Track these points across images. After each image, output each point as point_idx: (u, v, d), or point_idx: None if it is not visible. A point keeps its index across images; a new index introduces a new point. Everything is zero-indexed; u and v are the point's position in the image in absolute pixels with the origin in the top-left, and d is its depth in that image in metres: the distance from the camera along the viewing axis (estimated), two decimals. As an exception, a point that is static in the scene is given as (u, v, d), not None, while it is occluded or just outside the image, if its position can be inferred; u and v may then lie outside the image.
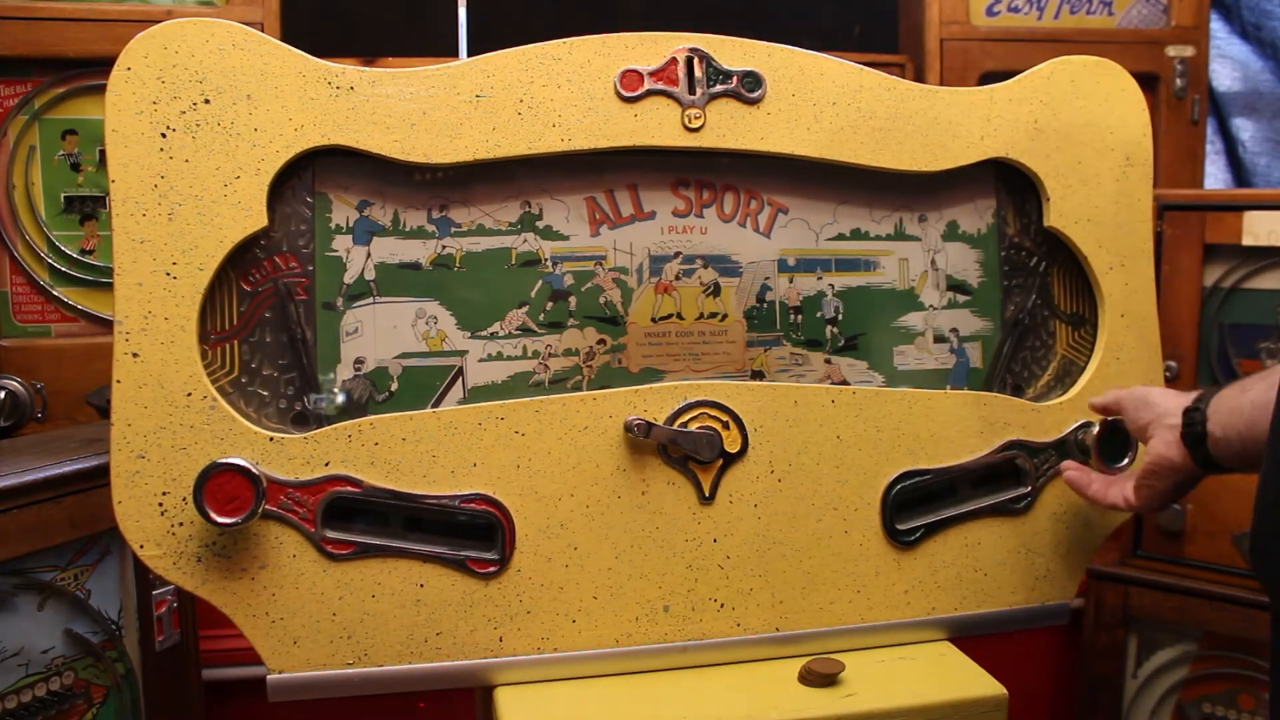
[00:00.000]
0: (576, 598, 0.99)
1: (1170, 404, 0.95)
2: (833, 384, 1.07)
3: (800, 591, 1.03)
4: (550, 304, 1.02)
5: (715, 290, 1.05)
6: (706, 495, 1.00)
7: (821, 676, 0.96)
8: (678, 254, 1.04)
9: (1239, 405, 0.86)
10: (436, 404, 0.99)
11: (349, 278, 0.97)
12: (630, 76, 0.99)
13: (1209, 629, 1.53)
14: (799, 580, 1.03)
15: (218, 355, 0.95)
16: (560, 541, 0.98)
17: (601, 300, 1.03)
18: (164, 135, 0.90)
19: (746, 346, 1.06)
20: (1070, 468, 1.06)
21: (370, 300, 0.98)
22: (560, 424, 0.97)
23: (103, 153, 1.59)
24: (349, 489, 0.94)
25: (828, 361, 1.08)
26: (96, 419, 1.47)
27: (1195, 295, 1.54)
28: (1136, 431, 1.00)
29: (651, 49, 1.00)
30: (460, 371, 1.00)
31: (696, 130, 1.00)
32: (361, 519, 0.95)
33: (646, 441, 0.98)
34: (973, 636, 1.08)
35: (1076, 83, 1.09)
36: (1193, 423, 0.90)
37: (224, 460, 0.89)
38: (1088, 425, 1.08)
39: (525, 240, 1.01)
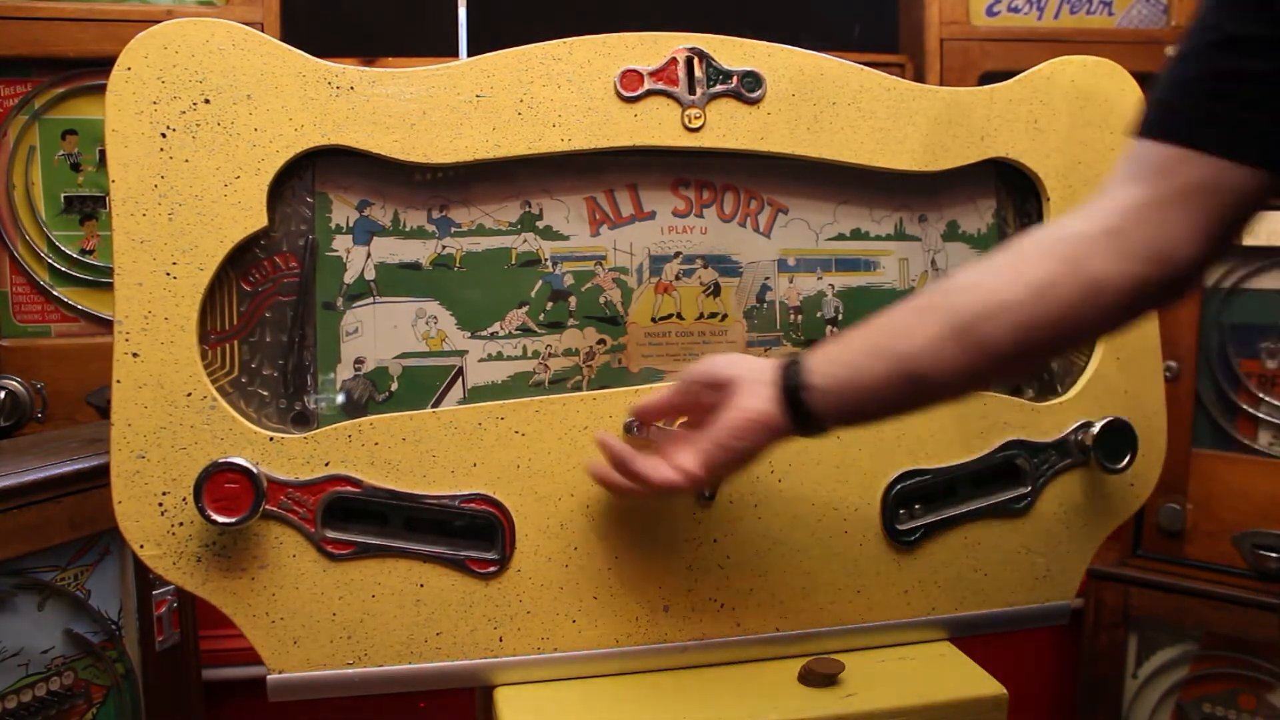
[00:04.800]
0: (576, 598, 0.99)
1: (753, 361, 0.87)
2: (833, 384, 1.07)
3: (800, 591, 1.03)
4: (550, 304, 1.02)
5: (715, 290, 1.05)
6: (706, 495, 1.00)
7: (821, 676, 0.96)
8: (678, 254, 1.04)
9: (840, 357, 0.82)
10: (436, 404, 0.99)
11: (349, 278, 0.97)
12: (630, 76, 0.99)
13: (1209, 629, 1.54)
14: (799, 580, 1.03)
15: (218, 355, 0.95)
16: (560, 541, 0.98)
17: (601, 300, 1.03)
18: (164, 135, 0.90)
19: (746, 346, 1.06)
20: (608, 449, 0.91)
21: (370, 300, 0.98)
22: (560, 424, 0.97)
23: (103, 153, 1.59)
24: (349, 489, 0.94)
25: (828, 361, 1.08)
26: (96, 419, 1.47)
27: (1195, 295, 1.54)
28: (717, 389, 0.86)
29: (651, 49, 1.00)
30: (460, 371, 1.00)
31: (696, 130, 1.00)
32: (361, 519, 0.95)
33: (646, 440, 0.98)
34: (973, 636, 1.08)
35: (1076, 83, 1.09)
36: (791, 375, 0.83)
37: (224, 460, 0.89)
38: (1088, 425, 1.08)
39: (525, 240, 1.01)
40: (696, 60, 1.00)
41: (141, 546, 0.90)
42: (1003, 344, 0.77)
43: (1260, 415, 1.51)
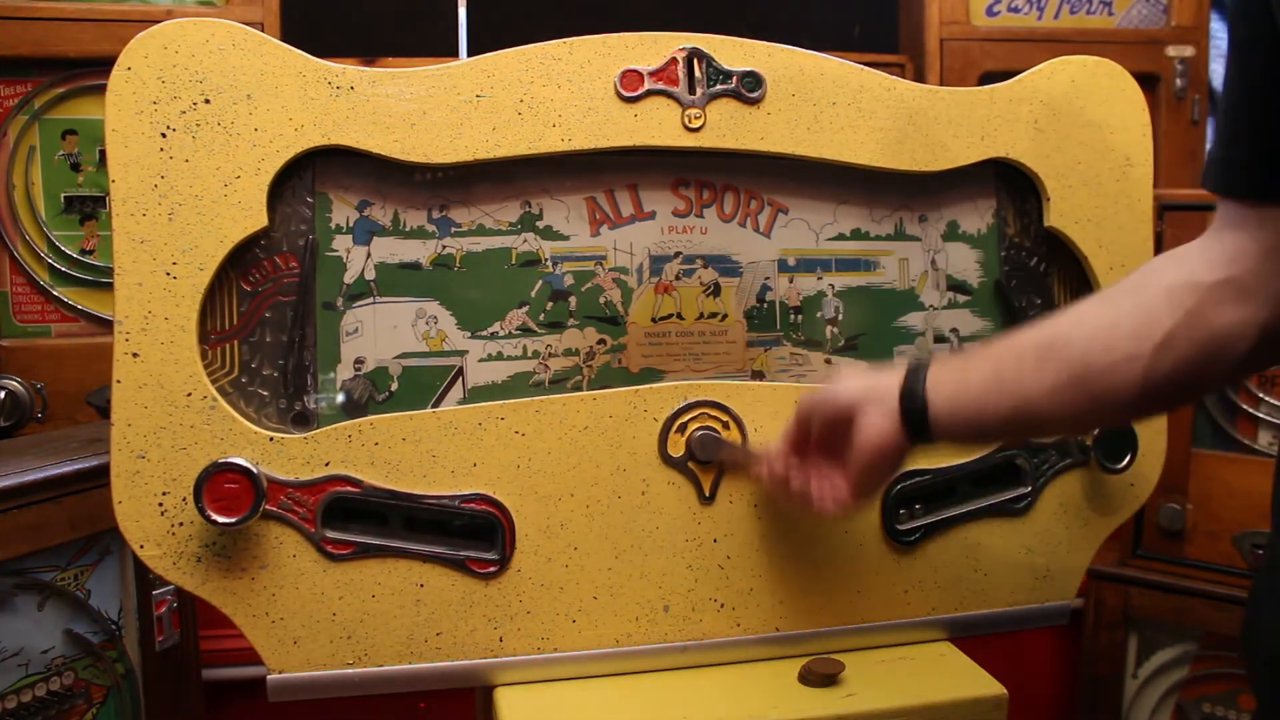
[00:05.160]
0: (576, 598, 0.99)
1: (870, 382, 0.89)
2: (833, 384, 1.07)
3: (800, 591, 1.03)
4: (550, 304, 1.02)
5: (715, 290, 1.05)
6: (706, 495, 1.00)
7: (821, 676, 0.96)
8: (678, 254, 1.04)
9: (962, 389, 0.84)
10: (436, 404, 0.99)
11: (349, 278, 0.97)
12: (630, 76, 0.99)
13: (1209, 629, 1.53)
14: (799, 580, 1.03)
15: (218, 355, 0.95)
16: (560, 541, 0.98)
17: (601, 300, 1.03)
18: (164, 135, 0.90)
19: (746, 346, 1.06)
20: (763, 465, 0.96)
21: (370, 300, 0.98)
22: (560, 424, 0.97)
23: (103, 153, 1.59)
24: (349, 489, 0.94)
25: (828, 361, 1.08)
26: (96, 419, 1.47)
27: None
28: (835, 418, 0.89)
29: (651, 49, 1.00)
30: (460, 371, 1.00)
31: (696, 130, 1.00)
32: (361, 519, 0.95)
33: (648, 445, 0.98)
34: (973, 636, 1.08)
35: (1076, 83, 1.09)
36: (914, 401, 0.85)
37: (224, 460, 0.89)
38: (1088, 425, 1.08)
39: (525, 240, 1.01)
40: (696, 60, 1.00)
41: (141, 546, 0.90)
42: (1125, 395, 0.77)
43: (1260, 415, 1.51)
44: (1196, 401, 1.08)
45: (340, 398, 0.97)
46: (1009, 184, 1.12)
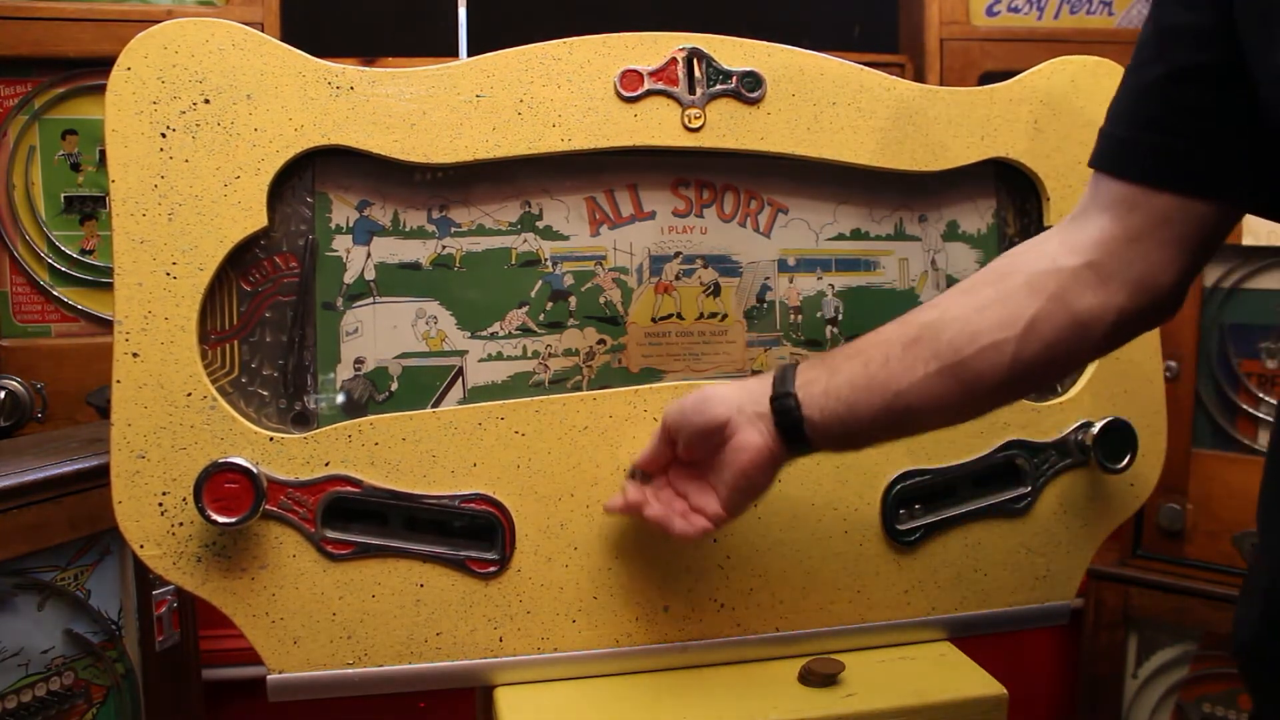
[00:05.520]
0: (576, 598, 0.99)
1: (738, 395, 0.87)
2: (833, 384, 1.07)
3: (800, 591, 1.03)
4: (550, 304, 1.02)
5: (715, 290, 1.05)
6: (706, 495, 1.00)
7: (821, 676, 0.96)
8: (678, 254, 1.04)
9: (834, 388, 0.83)
10: (436, 404, 0.99)
11: (349, 278, 0.97)
12: (630, 76, 0.99)
13: (1209, 629, 1.54)
14: (799, 580, 1.03)
15: (218, 355, 0.95)
16: (560, 541, 0.98)
17: (601, 300, 1.03)
18: (164, 135, 0.90)
19: (746, 346, 1.06)
20: (623, 498, 0.94)
21: (370, 300, 0.98)
22: (560, 424, 0.97)
23: (103, 153, 1.59)
24: (349, 489, 0.94)
25: (828, 361, 1.08)
26: (96, 419, 1.47)
27: (1195, 295, 1.54)
28: (705, 433, 0.87)
29: (651, 49, 1.00)
30: (460, 371, 1.00)
31: (696, 130, 1.00)
32: (361, 519, 0.95)
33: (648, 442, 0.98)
34: (973, 636, 1.08)
35: (1076, 83, 1.09)
36: (786, 409, 0.84)
37: (224, 460, 0.89)
38: (1087, 425, 1.08)
39: (525, 240, 1.01)
40: (696, 60, 1.00)
41: (141, 546, 0.90)
42: (995, 379, 0.79)
43: (1260, 415, 1.51)
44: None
45: (340, 398, 0.97)
46: (1009, 184, 1.12)
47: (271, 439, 0.92)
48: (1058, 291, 0.77)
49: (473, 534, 0.97)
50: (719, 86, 1.01)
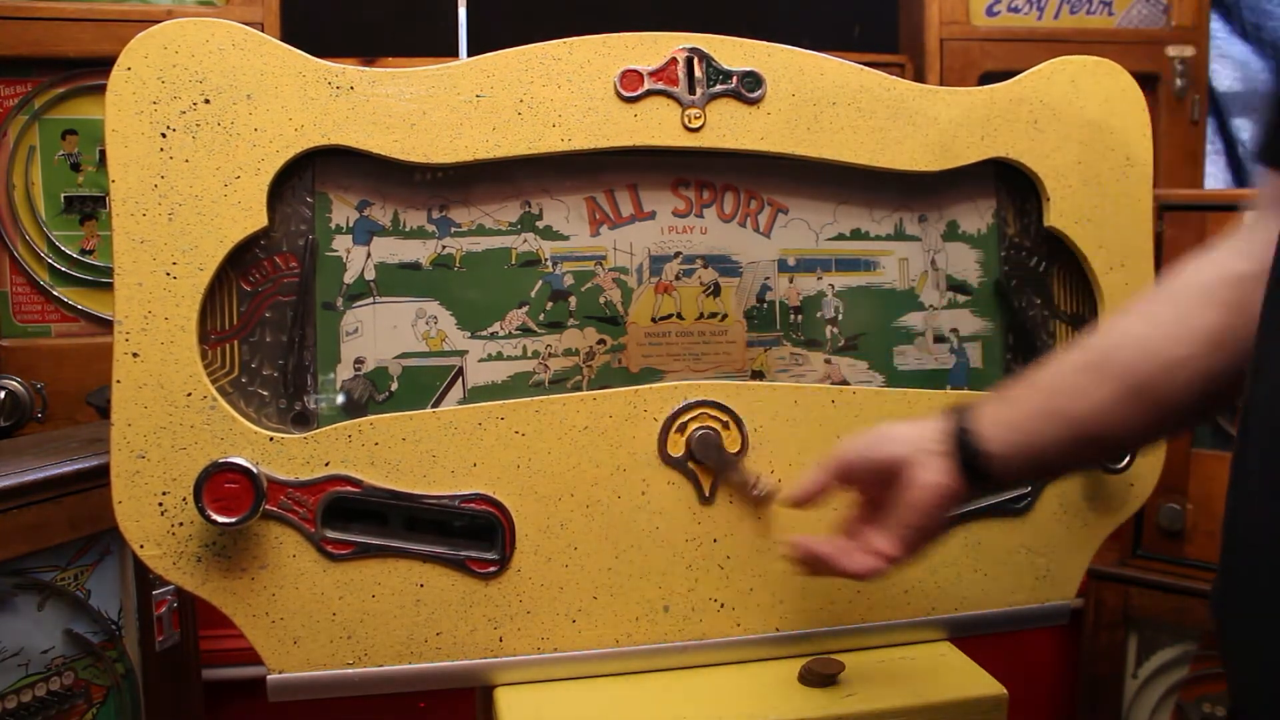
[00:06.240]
0: (576, 598, 0.99)
1: (915, 431, 0.85)
2: (833, 384, 1.07)
3: (800, 591, 1.03)
4: (550, 304, 1.02)
5: (715, 290, 1.05)
6: (706, 495, 1.00)
7: (821, 676, 0.96)
8: (678, 254, 1.04)
9: (1013, 420, 0.82)
10: (436, 404, 0.99)
11: (349, 278, 0.97)
12: (630, 76, 0.99)
13: (1209, 629, 1.53)
14: (799, 580, 1.03)
15: (218, 355, 0.95)
16: (560, 541, 0.98)
17: (601, 300, 1.03)
18: (164, 135, 0.90)
19: (746, 346, 1.06)
20: (800, 550, 0.90)
21: (370, 300, 0.98)
22: (560, 424, 0.97)
23: (103, 153, 1.59)
24: (349, 489, 0.94)
25: (828, 361, 1.08)
26: (96, 419, 1.47)
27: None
28: (886, 471, 0.85)
29: (651, 49, 1.00)
30: (460, 371, 1.00)
31: (696, 130, 1.00)
32: (361, 519, 0.95)
33: (648, 445, 0.98)
34: (973, 636, 1.08)
35: (1076, 83, 1.09)
36: (966, 445, 0.82)
37: (224, 460, 0.89)
38: (1088, 425, 1.08)
39: (525, 240, 1.01)
40: (696, 60, 1.00)
41: (141, 546, 0.90)
42: (1182, 400, 0.76)
43: (1260, 415, 1.51)
44: None
45: (340, 398, 0.97)
46: (1009, 184, 1.12)
47: (271, 439, 0.92)
48: (1238, 300, 0.73)
49: (473, 534, 0.97)
50: (719, 86, 1.00)
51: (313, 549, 0.93)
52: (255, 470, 0.89)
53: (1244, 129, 2.24)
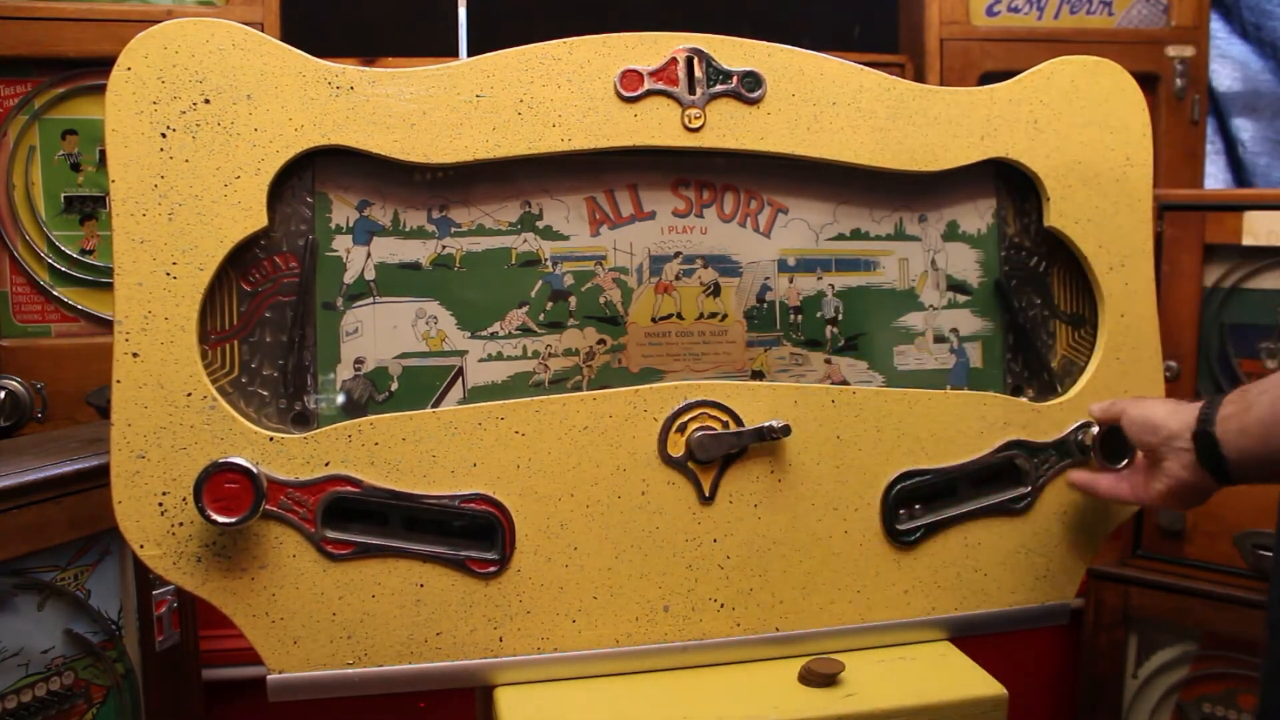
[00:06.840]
0: (576, 598, 0.99)
1: (1173, 424, 0.94)
2: (833, 384, 1.07)
3: (800, 591, 1.03)
4: (550, 304, 1.02)
5: (715, 290, 1.05)
6: (706, 495, 1.00)
7: (821, 676, 0.96)
8: (678, 254, 1.04)
9: (1246, 425, 0.86)
10: (436, 404, 0.99)
11: (349, 278, 0.97)
12: (630, 76, 0.99)
13: (1209, 629, 1.53)
14: (799, 580, 1.03)
15: (218, 355, 0.95)
16: (560, 541, 0.98)
17: (601, 300, 1.03)
18: (164, 135, 0.90)
19: (746, 346, 1.06)
20: (1075, 474, 1.07)
21: (370, 300, 0.98)
22: (560, 424, 0.97)
23: (103, 153, 1.59)
24: (349, 489, 0.94)
25: (828, 361, 1.08)
26: (96, 419, 1.47)
27: (1195, 295, 1.54)
28: (1144, 453, 1.00)
29: (651, 49, 1.00)
30: (460, 371, 1.00)
31: (696, 130, 1.00)
32: (361, 519, 0.95)
33: (648, 445, 0.98)
34: (973, 636, 1.08)
35: (1076, 83, 1.09)
36: (1208, 447, 0.90)
37: (224, 460, 0.89)
38: (1087, 425, 1.08)
39: (525, 240, 1.01)
40: (696, 60, 1.00)
41: (141, 546, 0.90)
42: None
43: (1260, 415, 1.50)
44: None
45: (340, 398, 0.97)
46: (1009, 184, 1.12)
47: (271, 439, 0.92)
48: None
49: (473, 534, 0.97)
50: (719, 86, 1.00)
51: (313, 549, 0.93)
52: (255, 470, 0.89)
53: (1244, 129, 2.24)
